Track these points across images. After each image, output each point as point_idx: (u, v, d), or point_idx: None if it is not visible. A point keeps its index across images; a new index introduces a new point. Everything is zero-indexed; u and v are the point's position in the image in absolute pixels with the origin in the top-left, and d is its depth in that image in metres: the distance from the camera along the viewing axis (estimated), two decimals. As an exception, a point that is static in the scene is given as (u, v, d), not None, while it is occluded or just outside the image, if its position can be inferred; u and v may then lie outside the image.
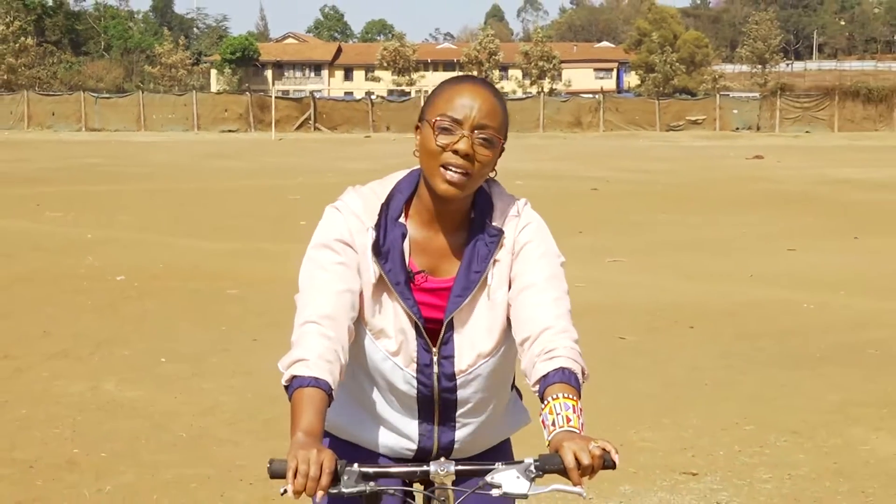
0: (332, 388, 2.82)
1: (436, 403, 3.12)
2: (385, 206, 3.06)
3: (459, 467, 2.78)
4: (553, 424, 2.76)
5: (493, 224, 3.06)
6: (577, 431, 2.73)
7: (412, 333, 3.04)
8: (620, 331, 11.22)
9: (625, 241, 18.35)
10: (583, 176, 33.50)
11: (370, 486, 2.68)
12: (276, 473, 2.68)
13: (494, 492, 2.72)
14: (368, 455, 3.20)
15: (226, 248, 17.30)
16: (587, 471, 2.64)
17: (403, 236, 3.04)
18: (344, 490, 2.66)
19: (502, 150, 3.06)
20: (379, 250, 3.01)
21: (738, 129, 75.21)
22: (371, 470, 2.74)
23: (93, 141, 61.63)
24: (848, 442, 7.63)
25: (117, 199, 26.12)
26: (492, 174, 3.08)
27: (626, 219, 22.03)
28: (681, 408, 8.47)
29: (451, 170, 2.94)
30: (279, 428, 7.82)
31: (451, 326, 3.05)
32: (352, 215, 3.05)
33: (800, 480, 6.83)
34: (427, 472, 2.79)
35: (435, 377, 3.08)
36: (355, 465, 2.72)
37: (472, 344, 3.07)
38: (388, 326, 3.05)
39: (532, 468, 2.73)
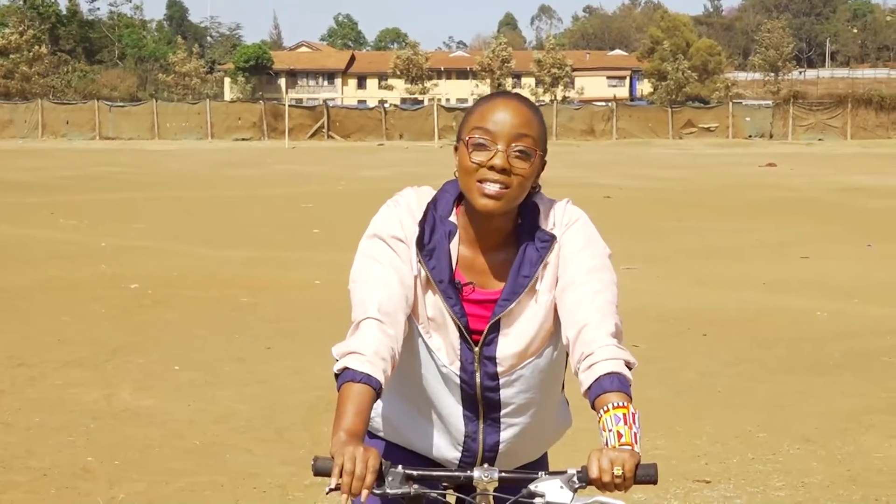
0: (382, 386, 2.84)
1: (479, 403, 3.11)
2: (432, 204, 3.06)
3: (503, 474, 2.82)
4: (607, 444, 2.76)
5: (544, 229, 3.04)
6: (630, 447, 2.73)
7: (455, 333, 3.04)
8: (633, 338, 11.18)
9: (638, 248, 18.32)
10: (596, 184, 33.46)
11: (414, 489, 2.73)
12: (321, 471, 2.71)
13: (537, 500, 2.75)
14: (417, 460, 3.21)
15: (239, 256, 17.32)
16: (609, 486, 2.68)
17: (451, 234, 3.03)
18: (389, 490, 2.71)
19: (544, 163, 3.03)
20: (423, 246, 3.00)
21: (750, 136, 75.07)
22: (415, 472, 2.79)
23: (107, 149, 61.75)
24: (861, 449, 7.62)
25: (131, 207, 26.19)
26: (534, 188, 3.05)
27: (639, 226, 22.00)
28: (694, 415, 8.47)
29: (487, 184, 2.91)
30: (293, 436, 7.85)
31: (495, 329, 3.04)
32: (406, 210, 3.05)
33: (813, 488, 6.83)
34: (471, 478, 2.82)
35: (477, 376, 3.07)
36: (399, 466, 2.76)
37: (515, 346, 3.05)
38: (433, 322, 3.05)
39: (575, 479, 2.75)
